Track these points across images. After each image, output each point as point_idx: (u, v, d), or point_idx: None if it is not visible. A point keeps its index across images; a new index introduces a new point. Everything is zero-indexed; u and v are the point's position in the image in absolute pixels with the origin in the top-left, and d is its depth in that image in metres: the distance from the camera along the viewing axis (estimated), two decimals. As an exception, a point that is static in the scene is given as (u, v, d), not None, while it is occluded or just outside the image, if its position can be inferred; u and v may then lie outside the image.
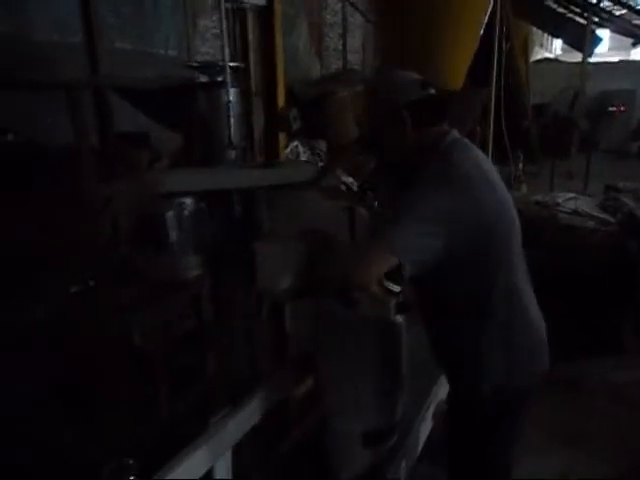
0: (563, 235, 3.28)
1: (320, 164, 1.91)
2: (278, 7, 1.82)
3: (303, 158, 4.72)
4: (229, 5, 1.78)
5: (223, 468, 1.73)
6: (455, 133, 1.54)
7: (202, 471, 1.64)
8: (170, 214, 1.43)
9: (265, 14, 1.81)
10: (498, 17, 6.05)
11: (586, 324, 3.18)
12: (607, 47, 24.79)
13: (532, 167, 8.43)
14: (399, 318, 1.92)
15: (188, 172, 1.54)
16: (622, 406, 2.91)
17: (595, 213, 3.43)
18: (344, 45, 8.94)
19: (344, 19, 8.89)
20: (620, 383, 3.05)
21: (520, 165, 6.82)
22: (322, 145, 6.09)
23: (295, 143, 4.31)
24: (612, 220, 3.37)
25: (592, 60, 15.63)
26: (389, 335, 1.93)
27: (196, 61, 1.69)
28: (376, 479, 1.99)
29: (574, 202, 3.58)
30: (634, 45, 9.64)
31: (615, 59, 17.26)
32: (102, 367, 1.82)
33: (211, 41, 6.86)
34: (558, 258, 3.19)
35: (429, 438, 2.40)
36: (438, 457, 1.96)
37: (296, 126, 1.94)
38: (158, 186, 1.40)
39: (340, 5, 8.88)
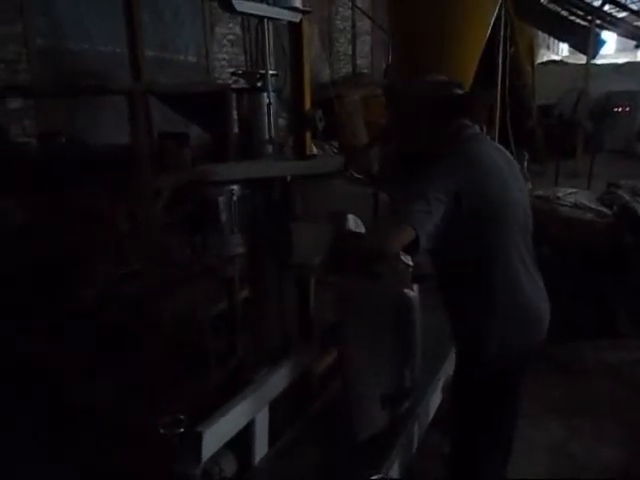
0: (563, 226, 3.52)
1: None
2: (306, 23, 2.09)
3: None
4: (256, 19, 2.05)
5: (262, 421, 1.99)
6: (475, 128, 1.79)
7: (244, 422, 1.90)
8: (222, 199, 1.70)
9: (295, 28, 2.09)
10: (502, 21, 6.30)
11: (583, 308, 3.42)
12: (614, 49, 24.92)
13: (538, 167, 8.65)
14: (413, 292, 2.18)
15: (235, 164, 1.81)
16: (615, 384, 3.14)
17: (593, 206, 3.67)
18: (353, 50, 9.23)
19: (353, 25, 9.18)
20: (614, 363, 3.28)
21: (525, 164, 7.05)
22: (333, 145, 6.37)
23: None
24: (609, 212, 3.61)
25: (598, 62, 15.83)
26: (404, 307, 2.18)
27: (240, 70, 1.94)
28: (393, 438, 2.22)
29: (574, 196, 3.83)
30: (637, 47, 9.83)
31: (621, 61, 17.42)
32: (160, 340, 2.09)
33: (227, 47, 7.19)
34: (558, 247, 3.43)
35: (439, 409, 2.62)
36: (447, 428, 2.15)
37: (321, 126, 2.21)
38: (213, 175, 1.68)
39: (350, 12, 9.16)
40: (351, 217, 1.88)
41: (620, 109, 12.49)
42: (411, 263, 1.83)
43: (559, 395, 3.04)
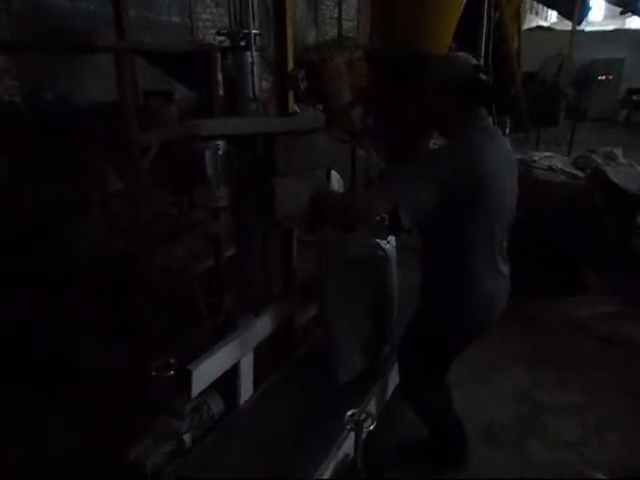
0: (537, 188, 3.66)
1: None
2: (290, -17, 2.14)
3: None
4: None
5: (247, 364, 2.14)
6: (489, 120, 1.78)
7: (230, 364, 2.04)
8: (207, 153, 1.79)
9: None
10: (488, -14, 6.29)
11: (554, 267, 3.60)
12: (602, 15, 24.79)
13: (520, 135, 8.74)
14: (388, 243, 2.31)
15: (221, 120, 1.89)
16: (581, 337, 3.34)
17: (567, 169, 3.81)
18: (339, 13, 9.13)
19: (340, -13, 9.08)
20: (581, 317, 3.47)
21: (507, 130, 7.14)
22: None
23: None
24: (581, 175, 3.76)
25: (587, 29, 15.76)
26: (378, 258, 2.31)
27: (224, 29, 1.99)
28: (370, 381, 2.38)
29: (549, 160, 3.96)
30: (622, 13, 9.84)
31: (609, 27, 17.38)
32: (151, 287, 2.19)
33: (211, 8, 7.09)
34: (532, 208, 3.57)
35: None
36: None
37: (303, 85, 2.29)
38: (199, 130, 1.76)
39: (336, -27, 9.04)
40: (331, 173, 1.99)
41: (604, 77, 12.56)
42: (386, 217, 1.94)
43: (526, 347, 3.23)
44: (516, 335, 3.28)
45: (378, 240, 2.29)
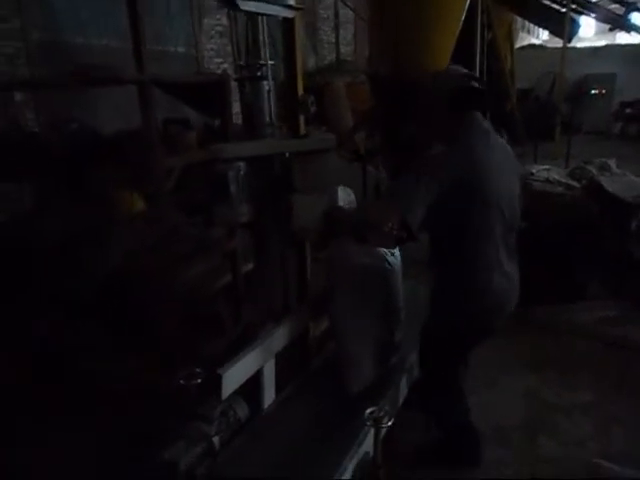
0: (536, 199, 3.81)
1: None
2: (298, 18, 2.33)
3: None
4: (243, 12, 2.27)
5: (270, 370, 2.26)
6: (486, 123, 1.93)
7: (254, 369, 2.16)
8: (230, 174, 1.96)
9: (288, 23, 2.33)
10: (479, 9, 6.57)
11: (556, 275, 3.73)
12: (593, 32, 25.28)
13: (518, 149, 8.95)
14: (395, 255, 2.43)
15: (241, 143, 2.06)
16: (585, 340, 3.46)
17: (564, 180, 3.97)
18: (337, 38, 9.44)
19: (336, 15, 9.39)
20: (584, 322, 3.60)
21: (504, 145, 7.36)
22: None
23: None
24: (577, 186, 3.92)
25: (578, 45, 16.17)
26: (386, 270, 2.42)
27: (244, 62, 2.17)
28: (381, 390, 2.39)
29: (546, 172, 4.13)
30: (611, 30, 10.15)
31: (601, 43, 17.80)
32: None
33: (215, 38, 7.38)
34: (532, 219, 3.72)
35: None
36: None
37: (313, 109, 2.47)
38: (222, 153, 1.93)
39: (332, 1, 9.37)
40: (343, 189, 2.15)
41: (597, 91, 12.87)
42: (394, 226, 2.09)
43: (533, 351, 3.35)
44: (523, 340, 3.40)
45: (384, 252, 2.40)
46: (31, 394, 2.32)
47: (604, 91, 12.99)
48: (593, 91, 12.76)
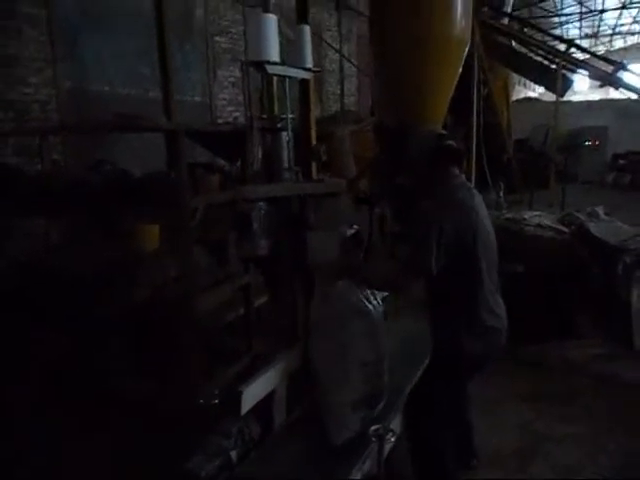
0: (528, 243, 4.08)
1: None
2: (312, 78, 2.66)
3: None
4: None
5: (281, 391, 2.45)
6: (462, 177, 2.23)
7: (269, 389, 2.34)
8: (254, 212, 2.22)
9: (305, 82, 2.66)
10: (476, 67, 7.06)
11: (547, 314, 3.95)
12: (587, 86, 26.28)
13: (515, 197, 9.30)
14: (376, 301, 2.51)
15: (263, 185, 2.34)
16: (576, 376, 3.65)
17: (554, 225, 4.25)
18: (342, 90, 9.97)
19: (341, 69, 9.98)
20: (576, 359, 3.79)
21: (501, 193, 7.70)
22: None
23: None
24: (567, 231, 4.19)
25: (573, 98, 16.91)
26: (372, 320, 2.27)
27: (264, 115, 2.47)
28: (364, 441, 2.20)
29: (538, 218, 4.41)
30: (601, 86, 10.71)
31: (594, 97, 18.63)
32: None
33: (228, 88, 7.87)
34: (524, 261, 3.98)
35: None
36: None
37: (324, 157, 2.77)
38: (247, 194, 2.20)
39: (338, 56, 9.97)
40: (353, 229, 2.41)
41: (591, 143, 13.45)
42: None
43: (527, 386, 3.53)
44: (517, 375, 3.58)
45: (365, 294, 2.27)
46: (65, 409, 2.52)
47: (597, 142, 13.55)
48: (587, 142, 13.31)
